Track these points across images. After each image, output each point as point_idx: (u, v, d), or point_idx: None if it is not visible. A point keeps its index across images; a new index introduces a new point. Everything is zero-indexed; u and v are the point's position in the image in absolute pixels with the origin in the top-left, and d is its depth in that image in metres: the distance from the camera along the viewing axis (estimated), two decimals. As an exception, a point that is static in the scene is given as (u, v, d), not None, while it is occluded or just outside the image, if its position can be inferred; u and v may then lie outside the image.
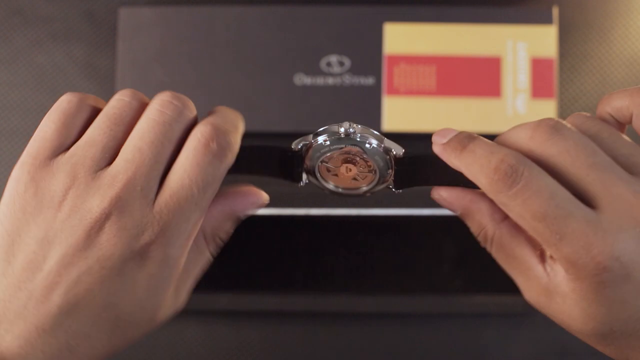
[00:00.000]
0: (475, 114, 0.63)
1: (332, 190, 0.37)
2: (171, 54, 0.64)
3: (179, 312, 0.36)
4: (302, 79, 0.64)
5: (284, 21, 0.64)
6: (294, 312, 0.63)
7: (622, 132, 0.33)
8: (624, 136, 0.31)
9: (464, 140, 0.33)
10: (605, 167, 0.29)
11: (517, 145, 0.31)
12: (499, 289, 0.62)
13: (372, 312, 0.63)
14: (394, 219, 0.63)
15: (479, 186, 0.32)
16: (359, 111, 0.63)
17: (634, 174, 0.29)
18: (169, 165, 0.33)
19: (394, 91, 0.64)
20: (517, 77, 0.63)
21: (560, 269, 0.30)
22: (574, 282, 0.29)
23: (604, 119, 0.33)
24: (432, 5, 0.64)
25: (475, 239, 0.36)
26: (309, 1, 0.65)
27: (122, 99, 0.33)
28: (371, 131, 0.36)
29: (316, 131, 0.36)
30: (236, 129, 0.34)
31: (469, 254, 0.63)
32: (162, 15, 0.64)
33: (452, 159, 0.33)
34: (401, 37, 0.64)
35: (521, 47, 0.64)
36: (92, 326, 0.30)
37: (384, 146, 0.36)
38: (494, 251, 0.35)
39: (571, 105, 0.65)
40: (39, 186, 0.31)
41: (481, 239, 0.35)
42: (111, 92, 0.65)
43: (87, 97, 0.34)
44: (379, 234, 0.65)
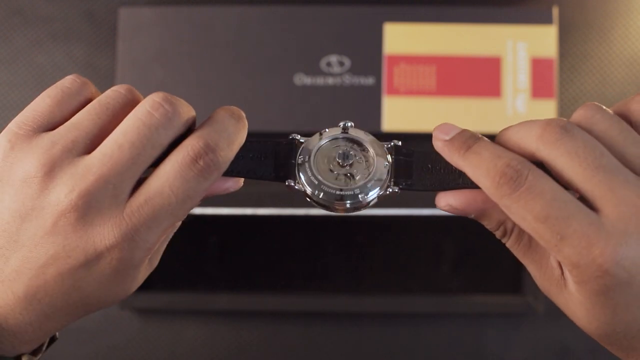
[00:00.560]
0: (475, 114, 0.63)
1: (323, 193, 0.36)
2: (171, 54, 0.64)
3: (152, 270, 0.35)
4: (302, 79, 0.64)
5: (284, 21, 0.64)
6: (294, 312, 0.63)
7: None
8: (634, 134, 0.31)
9: (468, 140, 0.33)
10: (612, 170, 0.29)
11: (524, 141, 0.31)
12: (499, 289, 0.62)
13: (372, 312, 0.63)
14: (394, 219, 0.63)
15: (483, 188, 0.31)
16: (359, 111, 0.63)
17: None
18: (151, 167, 0.32)
19: (394, 91, 0.63)
20: (517, 77, 0.63)
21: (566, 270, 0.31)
22: (578, 284, 0.29)
23: (620, 114, 0.32)
24: (432, 5, 0.64)
25: (475, 238, 0.36)
26: (309, 1, 0.65)
27: (117, 91, 0.33)
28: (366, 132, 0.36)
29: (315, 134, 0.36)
30: (230, 145, 0.33)
31: (469, 254, 0.63)
32: (162, 15, 0.64)
33: (454, 159, 0.33)
34: (401, 37, 0.64)
35: (521, 47, 0.64)
36: (64, 301, 0.31)
37: (383, 144, 0.36)
38: (510, 243, 0.34)
39: (571, 105, 0.65)
40: (17, 157, 0.31)
41: (499, 234, 0.35)
42: (111, 92, 0.65)
43: (90, 85, 0.34)
44: (379, 234, 0.65)
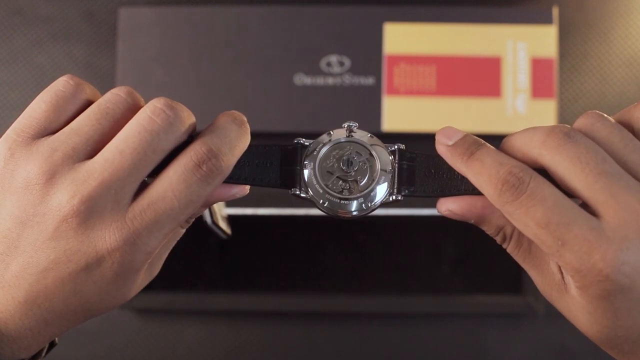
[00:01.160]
0: (475, 114, 0.63)
1: (327, 202, 0.36)
2: (171, 54, 0.64)
3: (153, 278, 0.36)
4: (302, 79, 0.64)
5: (284, 21, 0.64)
6: (294, 312, 0.63)
7: None
8: (636, 141, 0.31)
9: (471, 146, 0.33)
10: (613, 175, 0.29)
11: (527, 147, 0.32)
12: (499, 289, 0.62)
13: (372, 312, 0.63)
14: (394, 219, 0.63)
15: (485, 195, 0.32)
16: (359, 111, 0.63)
17: None
18: (152, 172, 0.32)
19: (394, 91, 0.63)
20: (517, 77, 0.63)
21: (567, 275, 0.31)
22: (579, 289, 0.30)
23: (622, 122, 0.33)
24: (432, 5, 0.64)
25: (475, 238, 0.36)
26: (309, 1, 0.65)
27: (117, 94, 0.33)
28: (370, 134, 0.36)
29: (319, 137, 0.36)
30: (233, 150, 0.33)
31: (469, 254, 0.63)
32: (162, 15, 0.64)
33: (458, 164, 0.33)
34: (401, 37, 0.64)
35: (521, 47, 0.64)
36: (64, 307, 0.31)
37: (386, 146, 0.36)
38: (510, 248, 0.35)
39: (571, 105, 0.65)
40: (18, 164, 0.31)
41: (499, 239, 0.35)
42: (111, 92, 0.65)
43: (85, 86, 0.33)
44: (379, 234, 0.65)
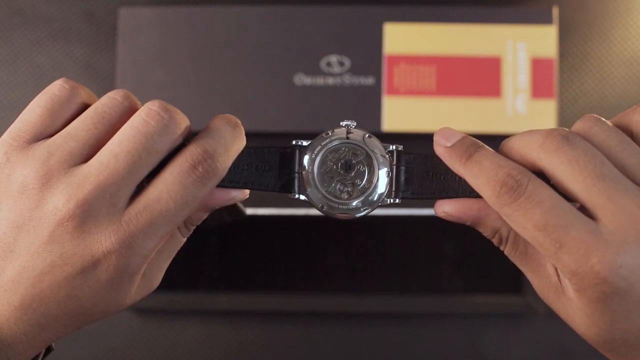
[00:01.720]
0: (475, 114, 0.63)
1: (326, 207, 0.36)
2: (171, 54, 0.64)
3: (152, 291, 0.35)
4: (302, 79, 0.64)
5: (284, 21, 0.64)
6: (294, 312, 0.63)
7: None
8: (634, 145, 0.31)
9: (469, 148, 0.33)
10: (611, 179, 0.29)
11: (526, 150, 0.32)
12: (499, 289, 0.62)
13: (372, 312, 0.63)
14: (394, 219, 0.63)
15: (483, 197, 0.32)
16: (359, 111, 0.63)
17: None
18: (149, 176, 0.32)
19: (394, 91, 0.63)
20: (517, 77, 0.63)
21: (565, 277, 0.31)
22: (577, 291, 0.30)
23: (620, 125, 0.32)
24: (432, 5, 0.64)
25: (475, 238, 0.36)
26: (309, 1, 0.65)
27: (114, 98, 0.33)
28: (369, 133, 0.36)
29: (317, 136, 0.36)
30: (228, 151, 0.33)
31: (469, 254, 0.63)
32: (162, 15, 0.64)
33: (456, 166, 0.34)
34: (401, 37, 0.64)
35: (521, 47, 0.64)
36: (59, 311, 0.32)
37: (384, 147, 0.36)
38: (507, 250, 0.35)
39: (571, 105, 0.65)
40: (14, 168, 0.31)
41: (496, 241, 0.35)
42: (111, 92, 0.65)
43: (80, 89, 0.33)
44: (379, 234, 0.65)
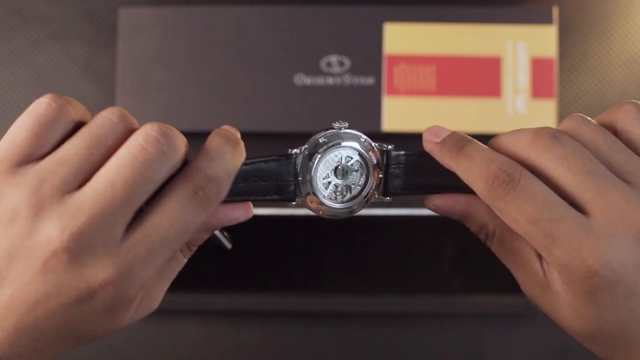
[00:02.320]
0: (475, 114, 0.63)
1: (326, 204, 0.36)
2: (171, 54, 0.64)
3: (152, 312, 0.35)
4: (302, 79, 0.64)
5: (284, 21, 0.64)
6: (294, 312, 0.63)
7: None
8: (619, 142, 0.32)
9: (459, 142, 0.34)
10: (600, 175, 0.30)
11: (515, 148, 0.32)
12: (499, 289, 0.62)
13: (372, 312, 0.63)
14: (394, 219, 0.63)
15: (475, 190, 0.32)
16: (359, 111, 0.63)
17: (627, 181, 0.30)
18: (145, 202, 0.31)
19: (394, 91, 0.63)
20: (517, 77, 0.63)
21: (554, 271, 0.31)
22: (566, 285, 0.30)
23: (605, 124, 0.33)
24: (432, 5, 0.64)
25: (475, 238, 0.37)
26: (309, 1, 0.65)
27: (110, 119, 0.31)
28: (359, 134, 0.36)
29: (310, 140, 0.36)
30: (229, 173, 0.32)
31: (469, 254, 0.63)
32: (162, 15, 0.64)
33: (446, 160, 0.34)
34: (401, 37, 0.64)
35: (521, 47, 0.64)
36: (54, 336, 0.30)
37: (376, 144, 0.36)
38: (494, 246, 0.35)
39: (571, 105, 0.65)
40: (3, 193, 0.30)
41: (482, 237, 0.36)
42: (111, 92, 0.65)
43: (69, 106, 0.31)
44: (379, 234, 0.65)
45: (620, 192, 0.30)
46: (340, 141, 0.36)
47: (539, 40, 0.63)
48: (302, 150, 0.35)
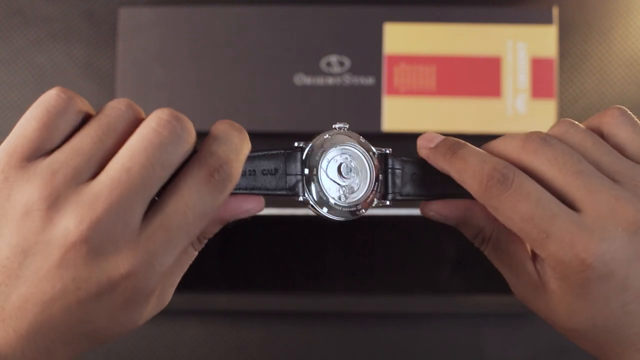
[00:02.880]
0: (475, 114, 0.63)
1: (328, 209, 0.37)
2: (171, 54, 0.64)
3: (163, 308, 0.35)
4: (302, 79, 0.64)
5: (284, 21, 0.64)
6: (294, 312, 0.63)
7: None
8: (606, 145, 0.33)
9: (453, 146, 0.35)
10: (589, 174, 0.32)
11: (507, 153, 0.34)
12: (499, 289, 0.62)
13: (372, 312, 0.63)
14: (394, 219, 0.63)
15: (470, 191, 0.33)
16: (359, 111, 0.63)
17: (615, 180, 0.32)
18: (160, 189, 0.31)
19: (394, 91, 0.63)
20: (517, 77, 0.63)
21: (548, 267, 0.33)
22: (560, 280, 0.32)
23: (592, 127, 0.35)
24: (432, 5, 0.64)
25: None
26: (309, 1, 0.65)
27: (118, 107, 0.31)
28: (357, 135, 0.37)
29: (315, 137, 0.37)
30: (239, 155, 0.32)
31: (469, 254, 0.63)
32: (162, 15, 0.64)
33: (440, 163, 0.35)
34: (401, 37, 0.64)
35: (521, 47, 0.64)
36: (70, 336, 0.29)
37: (376, 149, 0.37)
38: (488, 250, 0.37)
39: (571, 105, 0.65)
40: (13, 188, 0.29)
41: (478, 242, 0.37)
42: (111, 92, 0.65)
43: (77, 98, 0.31)
44: (379, 234, 0.65)
45: (609, 189, 0.31)
46: (342, 141, 0.36)
47: (539, 40, 0.63)
48: (307, 145, 0.36)
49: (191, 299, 0.62)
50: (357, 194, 0.37)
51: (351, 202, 0.37)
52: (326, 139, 0.36)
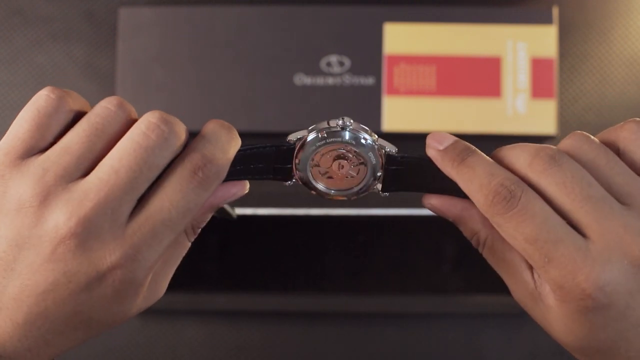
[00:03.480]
0: (475, 114, 0.63)
1: (320, 190, 0.36)
2: (171, 54, 0.64)
3: (158, 299, 0.35)
4: (302, 79, 0.64)
5: (284, 21, 0.64)
6: (294, 312, 0.63)
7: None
8: (620, 163, 0.32)
9: (462, 152, 0.34)
10: (598, 199, 0.30)
11: (514, 167, 0.32)
12: (499, 289, 0.62)
13: (372, 312, 0.63)
14: (394, 219, 0.63)
15: (475, 203, 0.32)
16: (359, 111, 0.63)
17: (626, 203, 0.31)
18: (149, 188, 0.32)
19: (394, 91, 0.63)
20: (517, 77, 0.63)
21: (548, 286, 0.32)
22: (559, 302, 0.31)
23: (607, 142, 0.33)
24: (432, 5, 0.64)
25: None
26: (309, 1, 0.65)
27: (108, 108, 0.32)
28: (365, 128, 0.37)
29: (312, 126, 0.36)
30: (226, 154, 0.33)
31: (469, 254, 0.63)
32: (162, 15, 0.64)
33: (447, 169, 0.34)
34: (401, 37, 0.64)
35: (521, 47, 0.64)
36: (64, 326, 0.31)
37: (378, 143, 0.36)
38: (485, 253, 0.36)
39: (571, 105, 0.65)
40: (8, 185, 0.30)
41: (474, 242, 0.36)
42: (111, 92, 0.65)
43: (68, 96, 0.32)
44: (379, 234, 0.65)
45: (618, 217, 0.30)
46: (339, 132, 0.36)
47: (539, 40, 0.63)
48: (301, 137, 0.36)
49: (191, 299, 0.62)
50: (351, 186, 0.36)
51: (342, 190, 0.36)
52: (321, 130, 0.36)
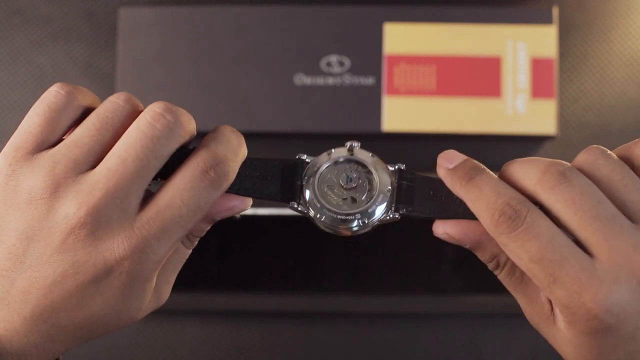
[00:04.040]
0: (475, 114, 0.63)
1: (325, 217, 0.36)
2: (171, 54, 0.64)
3: (161, 305, 0.35)
4: (302, 79, 0.64)
5: (284, 21, 0.64)
6: (294, 312, 0.63)
7: None
8: (636, 179, 0.31)
9: (470, 171, 0.33)
10: (607, 218, 0.30)
11: (523, 183, 0.32)
12: (499, 289, 0.62)
13: (372, 312, 0.63)
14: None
15: (482, 222, 0.32)
16: (359, 111, 0.63)
17: (637, 221, 0.30)
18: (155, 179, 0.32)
19: (394, 91, 0.63)
20: (517, 77, 0.63)
21: (556, 308, 0.32)
22: (567, 323, 0.30)
23: (623, 157, 0.32)
24: (432, 5, 0.64)
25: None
26: (309, 1, 0.65)
27: (116, 102, 0.33)
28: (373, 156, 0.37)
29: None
30: (236, 156, 0.33)
31: (469, 254, 0.63)
32: (162, 15, 0.64)
33: (456, 188, 0.34)
34: (401, 37, 0.64)
35: (521, 47, 0.64)
36: (69, 321, 0.31)
37: (387, 166, 0.36)
38: (502, 275, 0.35)
39: (571, 105, 0.65)
40: (19, 180, 0.31)
41: (492, 266, 0.36)
42: (111, 92, 0.65)
43: (77, 92, 0.33)
44: (379, 234, 0.64)
45: (627, 237, 0.29)
46: (348, 154, 0.36)
47: (539, 40, 0.63)
48: (310, 158, 0.36)
49: (191, 299, 0.62)
50: (360, 205, 0.36)
51: (350, 213, 0.36)
52: (329, 153, 0.36)
